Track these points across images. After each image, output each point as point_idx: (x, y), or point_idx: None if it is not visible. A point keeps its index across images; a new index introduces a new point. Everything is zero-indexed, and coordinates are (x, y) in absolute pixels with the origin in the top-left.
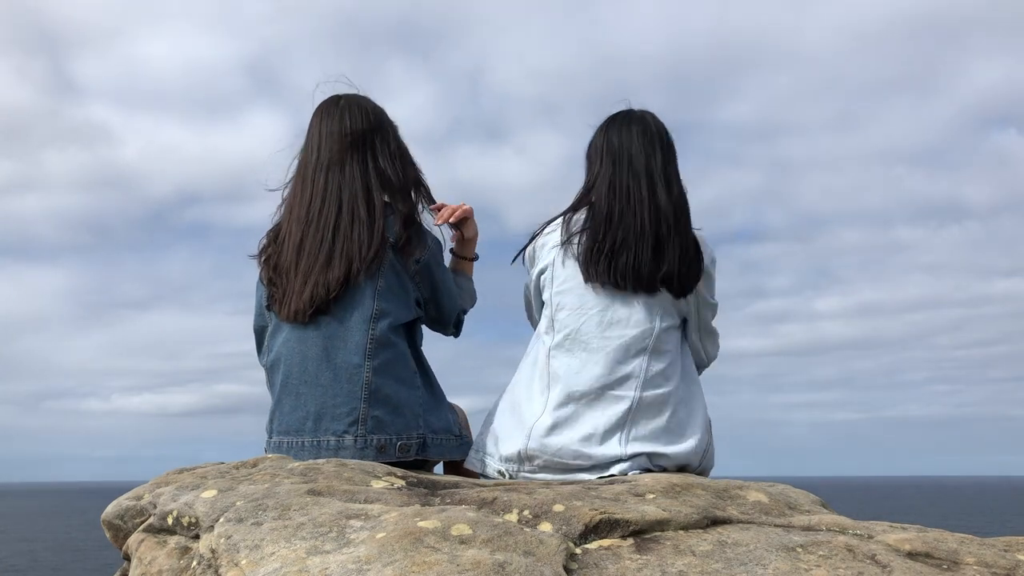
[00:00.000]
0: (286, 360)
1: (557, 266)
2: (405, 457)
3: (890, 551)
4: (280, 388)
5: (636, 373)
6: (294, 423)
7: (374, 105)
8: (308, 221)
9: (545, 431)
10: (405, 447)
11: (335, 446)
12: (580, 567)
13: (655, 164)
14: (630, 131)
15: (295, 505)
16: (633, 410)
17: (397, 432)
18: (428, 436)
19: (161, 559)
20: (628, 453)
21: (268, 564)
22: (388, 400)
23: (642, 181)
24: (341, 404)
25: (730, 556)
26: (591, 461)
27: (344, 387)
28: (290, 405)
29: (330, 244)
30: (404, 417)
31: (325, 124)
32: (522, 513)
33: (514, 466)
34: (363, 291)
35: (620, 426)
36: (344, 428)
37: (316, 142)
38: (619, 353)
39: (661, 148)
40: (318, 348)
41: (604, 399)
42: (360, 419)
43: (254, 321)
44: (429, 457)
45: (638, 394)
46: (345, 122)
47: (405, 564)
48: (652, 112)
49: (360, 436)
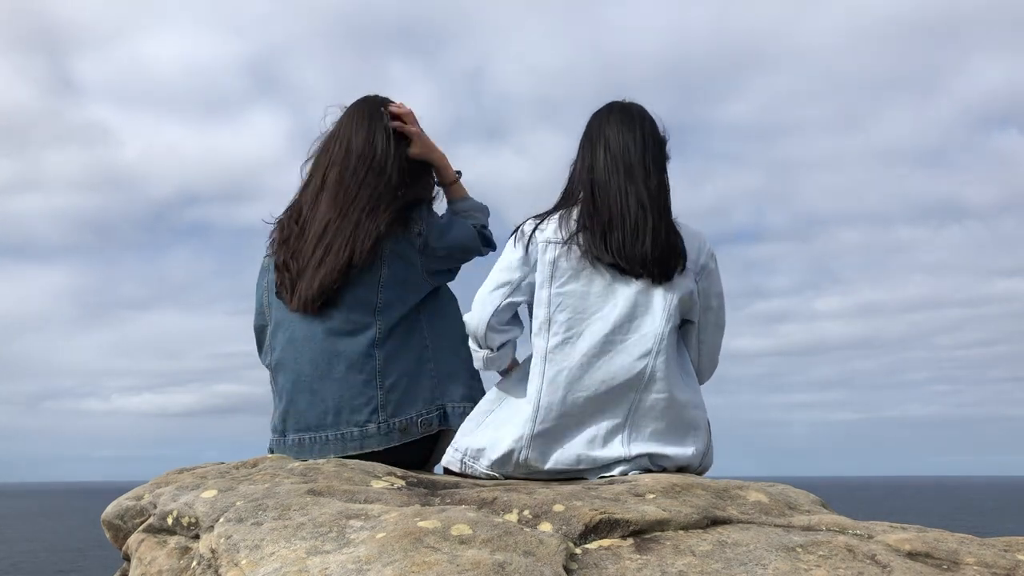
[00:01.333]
0: (295, 358)
1: (559, 265)
2: (429, 431)
3: (890, 551)
4: (292, 386)
5: (638, 375)
6: (313, 419)
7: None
8: (317, 211)
9: (545, 434)
10: (427, 422)
11: (360, 436)
12: (580, 567)
13: (638, 154)
14: (623, 122)
15: (295, 505)
16: (635, 411)
17: (417, 411)
18: (448, 406)
19: (161, 559)
20: (631, 454)
21: (268, 564)
22: (403, 383)
23: (622, 170)
24: (358, 395)
25: (730, 556)
26: (594, 464)
27: (359, 378)
28: (306, 402)
29: (333, 235)
30: (421, 394)
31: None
32: (522, 513)
33: (508, 469)
34: (366, 281)
35: (622, 427)
36: (366, 418)
37: (338, 139)
38: (621, 355)
39: (644, 139)
40: (328, 344)
41: (606, 400)
42: (379, 406)
43: (254, 320)
44: (452, 427)
45: (640, 395)
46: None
47: (405, 564)
48: (642, 106)
49: (383, 422)
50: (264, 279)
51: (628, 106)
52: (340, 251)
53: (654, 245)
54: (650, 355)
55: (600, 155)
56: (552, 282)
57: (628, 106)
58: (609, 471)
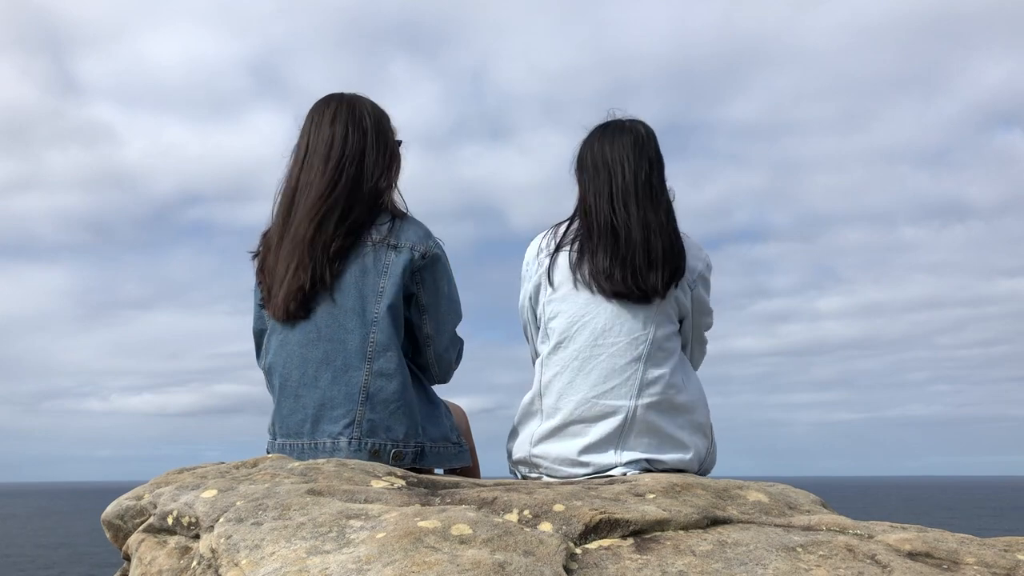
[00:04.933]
0: (284, 362)
1: (554, 274)
2: (400, 464)
3: (890, 551)
4: (279, 390)
5: (630, 381)
6: (294, 425)
7: (372, 105)
8: (289, 219)
9: (542, 440)
10: (400, 455)
11: (331, 448)
12: (580, 567)
13: (643, 176)
14: (621, 143)
15: (295, 505)
16: (628, 420)
17: (393, 439)
18: (426, 445)
19: (161, 559)
20: (624, 460)
21: (268, 564)
22: (386, 404)
23: (631, 194)
24: (338, 406)
25: (730, 556)
26: (589, 469)
27: (342, 389)
28: (289, 407)
29: (308, 243)
30: (401, 423)
31: (316, 124)
32: (522, 513)
33: (523, 469)
34: (362, 291)
35: (615, 437)
36: (339, 430)
37: (305, 141)
38: (612, 361)
39: (649, 160)
40: (318, 351)
41: (597, 409)
42: (356, 421)
43: (253, 324)
44: (427, 466)
45: (633, 403)
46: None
47: (405, 564)
48: (643, 121)
49: (355, 439)
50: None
51: (632, 124)
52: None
53: (664, 267)
54: (643, 361)
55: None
56: (544, 291)
57: (632, 124)
58: (606, 473)
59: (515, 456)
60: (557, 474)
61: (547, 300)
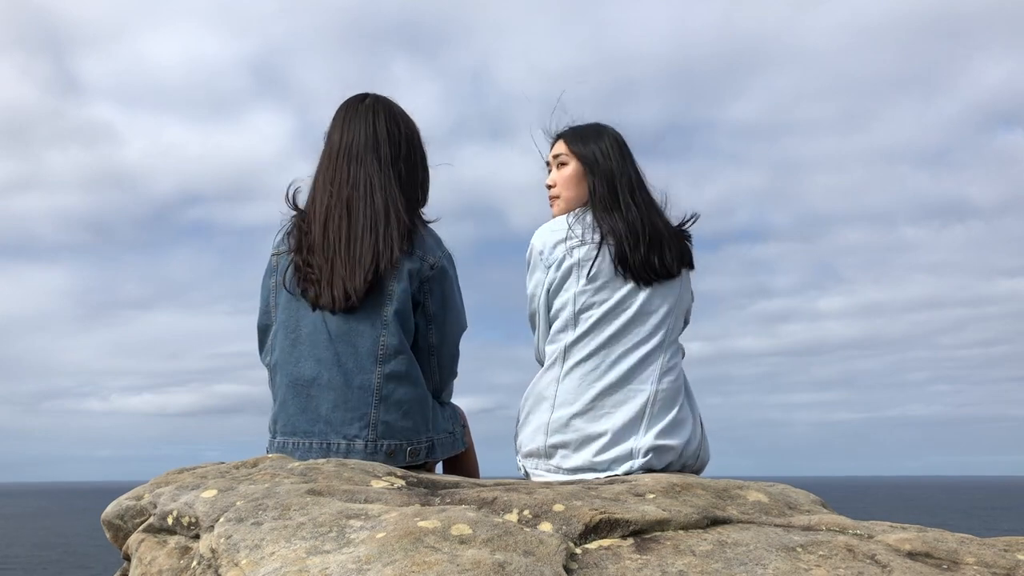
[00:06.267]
0: (296, 361)
1: (581, 264)
2: (415, 461)
3: (890, 551)
4: (286, 388)
5: (653, 366)
6: (303, 424)
7: (400, 109)
8: (348, 210)
9: (561, 427)
10: (415, 452)
11: (345, 449)
12: (580, 567)
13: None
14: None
15: (295, 505)
16: (651, 402)
17: (407, 438)
18: (436, 439)
19: (161, 559)
20: (646, 446)
21: (268, 564)
22: (399, 405)
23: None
24: (352, 408)
25: (730, 556)
26: (612, 455)
27: (355, 392)
28: (298, 406)
29: (362, 239)
30: (414, 421)
31: (352, 120)
32: (522, 513)
33: (535, 461)
34: (379, 294)
35: (640, 418)
36: (355, 432)
37: (343, 136)
38: (638, 347)
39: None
40: (329, 351)
41: (624, 392)
42: (371, 423)
43: (258, 319)
44: (434, 459)
45: (655, 387)
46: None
47: (405, 564)
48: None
49: (370, 440)
50: (271, 278)
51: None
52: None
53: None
54: (664, 347)
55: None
56: (572, 282)
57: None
58: (625, 463)
59: (528, 447)
60: (575, 461)
61: (579, 291)
